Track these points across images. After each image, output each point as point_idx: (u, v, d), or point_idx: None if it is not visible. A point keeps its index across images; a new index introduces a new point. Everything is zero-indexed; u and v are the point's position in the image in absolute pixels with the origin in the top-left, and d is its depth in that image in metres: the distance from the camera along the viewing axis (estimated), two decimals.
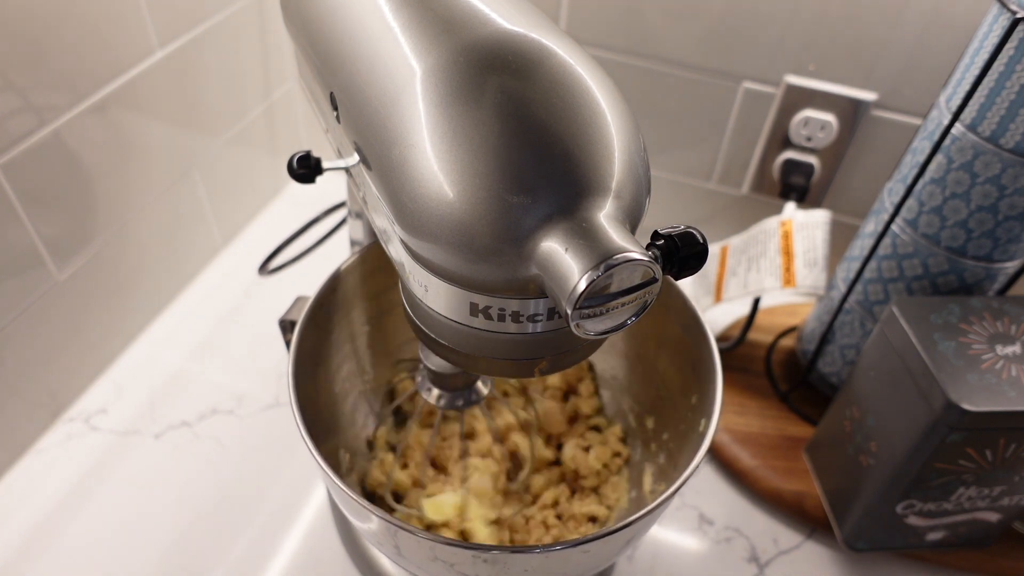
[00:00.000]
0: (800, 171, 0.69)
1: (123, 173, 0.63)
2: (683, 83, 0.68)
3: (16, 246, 0.54)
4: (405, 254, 0.31)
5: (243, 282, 0.77)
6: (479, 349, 0.33)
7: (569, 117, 0.28)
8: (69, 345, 0.62)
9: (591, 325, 0.27)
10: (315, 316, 0.47)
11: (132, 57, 0.60)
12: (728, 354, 0.68)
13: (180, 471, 0.60)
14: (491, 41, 0.29)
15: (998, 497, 0.51)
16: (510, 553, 0.37)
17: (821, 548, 0.58)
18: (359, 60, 0.32)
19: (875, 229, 0.56)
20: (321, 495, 0.59)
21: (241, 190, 0.80)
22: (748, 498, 0.61)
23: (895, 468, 0.49)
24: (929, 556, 0.56)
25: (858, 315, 0.58)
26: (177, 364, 0.69)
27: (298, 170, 0.41)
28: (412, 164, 0.28)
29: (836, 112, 0.65)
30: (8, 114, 0.51)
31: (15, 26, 0.50)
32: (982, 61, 0.45)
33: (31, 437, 0.62)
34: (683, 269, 0.28)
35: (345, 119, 0.33)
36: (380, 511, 0.37)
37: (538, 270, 0.27)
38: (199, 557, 0.55)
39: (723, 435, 0.62)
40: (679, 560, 0.57)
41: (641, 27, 0.66)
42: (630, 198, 0.29)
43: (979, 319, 0.49)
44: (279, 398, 0.66)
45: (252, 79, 0.75)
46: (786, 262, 0.60)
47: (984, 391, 0.44)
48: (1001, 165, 0.47)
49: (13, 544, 0.55)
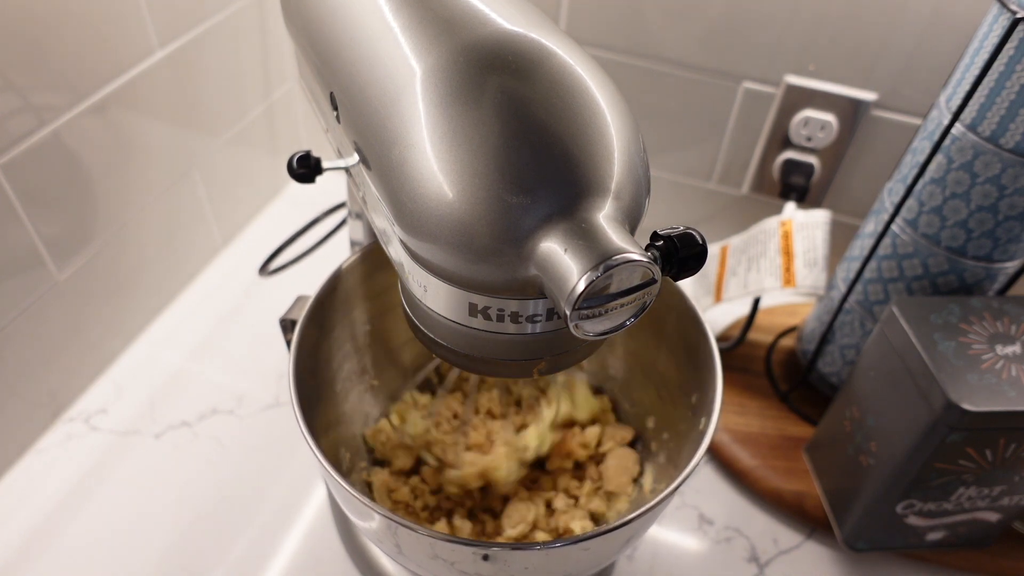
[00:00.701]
0: (800, 171, 0.69)
1: (123, 173, 0.63)
2: (683, 83, 0.68)
3: (16, 246, 0.54)
4: (404, 254, 0.31)
5: (243, 282, 0.77)
6: (478, 349, 0.33)
7: (569, 117, 0.28)
8: (69, 345, 0.62)
9: (590, 326, 0.27)
10: (316, 315, 0.47)
11: (132, 57, 0.60)
12: (728, 354, 0.68)
13: (180, 471, 0.60)
14: (491, 41, 0.29)
15: (998, 497, 0.51)
16: (510, 550, 0.37)
17: (821, 548, 0.58)
18: (359, 60, 0.32)
19: (875, 229, 0.56)
20: (321, 495, 0.59)
21: (241, 190, 0.80)
22: (748, 498, 0.61)
23: (895, 468, 0.49)
24: (929, 556, 0.56)
25: (858, 315, 0.58)
26: (177, 364, 0.69)
27: (298, 170, 0.41)
28: (412, 164, 0.28)
29: (836, 112, 0.65)
30: (8, 114, 0.51)
31: (15, 26, 0.50)
32: (982, 61, 0.45)
33: (31, 437, 0.62)
34: (682, 270, 0.28)
35: (345, 119, 0.33)
36: (381, 508, 0.37)
37: (537, 271, 0.27)
38: (199, 557, 0.55)
39: (723, 435, 0.62)
40: (679, 560, 0.57)
41: (641, 27, 0.66)
42: (630, 199, 0.29)
43: (979, 319, 0.49)
44: (279, 398, 0.66)
45: (252, 79, 0.75)
46: (786, 262, 0.60)
47: (984, 391, 0.44)
48: (1001, 165, 0.47)
49: (13, 544, 0.55)
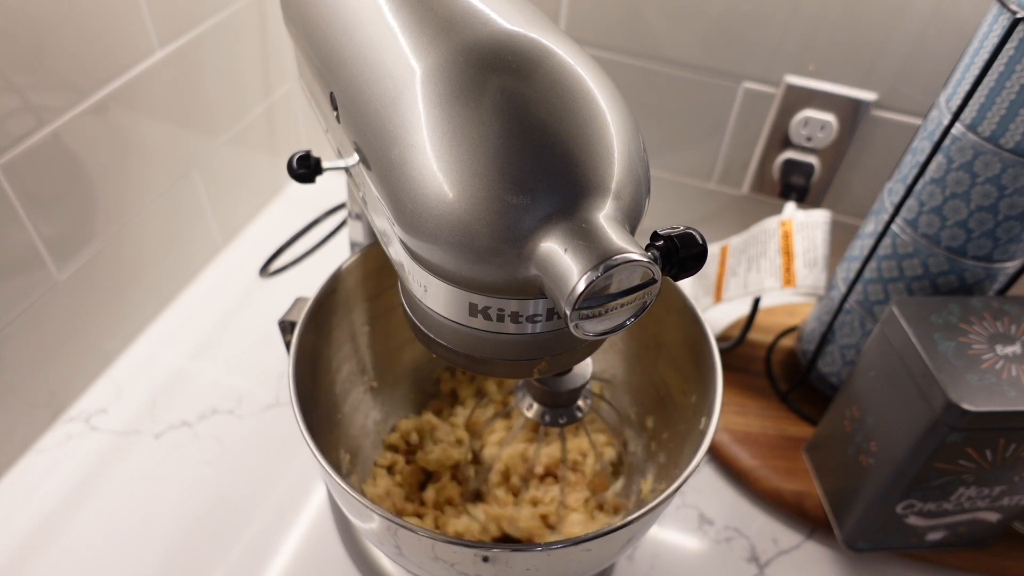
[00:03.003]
0: (800, 171, 0.69)
1: (123, 173, 0.63)
2: (683, 83, 0.68)
3: (16, 246, 0.54)
4: (404, 254, 0.31)
5: (243, 282, 0.77)
6: (478, 349, 0.33)
7: (569, 117, 0.28)
8: (69, 345, 0.62)
9: (590, 326, 0.27)
10: (315, 316, 0.47)
11: (132, 57, 0.60)
12: (728, 354, 0.68)
13: (180, 471, 0.60)
14: (491, 41, 0.29)
15: (998, 497, 0.51)
16: (511, 551, 0.37)
17: (821, 548, 0.58)
18: (359, 60, 0.32)
19: (875, 229, 0.55)
20: (321, 495, 0.59)
21: (241, 190, 0.80)
22: (748, 498, 0.61)
23: (895, 468, 0.49)
24: (929, 556, 0.56)
25: (858, 315, 0.58)
26: (177, 364, 0.69)
27: (298, 170, 0.41)
28: (412, 164, 0.28)
29: (836, 112, 0.65)
30: (8, 114, 0.51)
31: (15, 26, 0.50)
32: (982, 61, 0.45)
33: (31, 437, 0.62)
34: (682, 270, 0.28)
35: (345, 119, 0.33)
36: (381, 509, 0.37)
37: (537, 271, 0.27)
38: (199, 557, 0.55)
39: (723, 435, 0.62)
40: (679, 560, 0.57)
41: (641, 27, 0.66)
42: (630, 198, 0.29)
43: (979, 319, 0.49)
44: (279, 398, 0.66)
45: (252, 79, 0.75)
46: (786, 262, 0.60)
47: (984, 391, 0.44)
48: (1001, 165, 0.47)
49: (13, 544, 0.55)
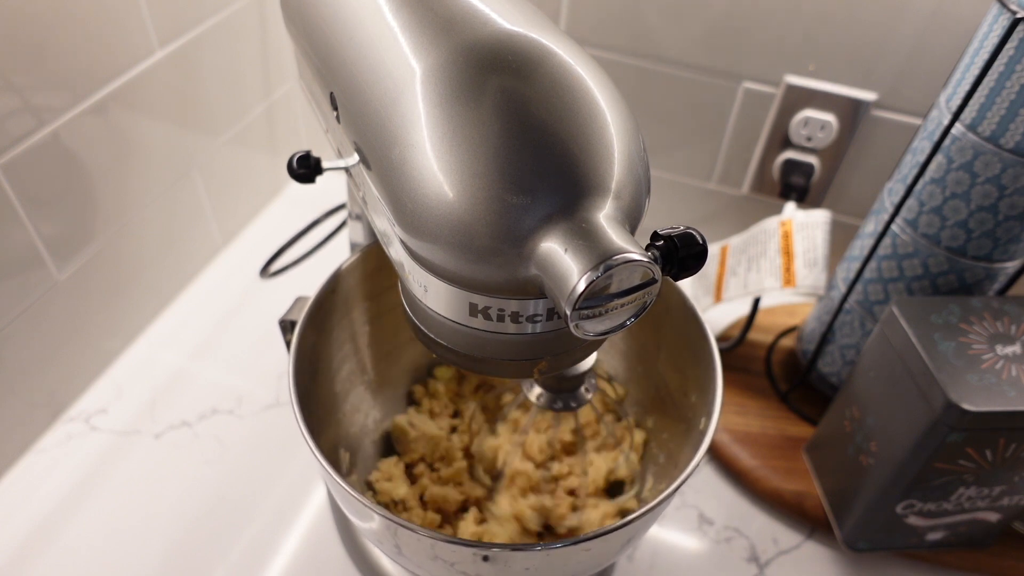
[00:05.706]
0: (800, 171, 0.69)
1: (123, 173, 0.63)
2: (683, 83, 0.68)
3: (16, 246, 0.54)
4: (405, 254, 0.31)
5: (243, 282, 0.77)
6: (478, 349, 0.33)
7: (569, 117, 0.28)
8: (69, 345, 0.62)
9: (590, 326, 0.27)
10: (315, 316, 0.47)
11: (132, 57, 0.60)
12: (728, 354, 0.68)
13: (180, 471, 0.60)
14: (491, 41, 0.29)
15: (998, 497, 0.51)
16: (511, 551, 0.37)
17: (821, 548, 0.58)
18: (359, 60, 0.32)
19: (875, 229, 0.55)
20: (321, 495, 0.59)
21: (241, 190, 0.80)
22: (748, 498, 0.61)
23: (895, 468, 0.49)
24: (929, 556, 0.56)
25: (858, 315, 0.58)
26: (177, 364, 0.69)
27: (298, 170, 0.41)
28: (412, 164, 0.28)
29: (836, 112, 0.65)
30: (8, 114, 0.51)
31: (15, 26, 0.50)
32: (982, 61, 0.45)
33: (31, 437, 0.62)
34: (682, 270, 0.28)
35: (345, 119, 0.33)
36: (381, 509, 0.37)
37: (537, 270, 0.27)
38: (199, 557, 0.55)
39: (723, 435, 0.62)
40: (679, 560, 0.57)
41: (641, 27, 0.66)
42: (630, 198, 0.29)
43: (979, 319, 0.49)
44: (279, 398, 0.66)
45: (252, 79, 0.75)
46: (786, 262, 0.60)
47: (984, 391, 0.44)
48: (1001, 165, 0.47)
49: (13, 544, 0.55)
